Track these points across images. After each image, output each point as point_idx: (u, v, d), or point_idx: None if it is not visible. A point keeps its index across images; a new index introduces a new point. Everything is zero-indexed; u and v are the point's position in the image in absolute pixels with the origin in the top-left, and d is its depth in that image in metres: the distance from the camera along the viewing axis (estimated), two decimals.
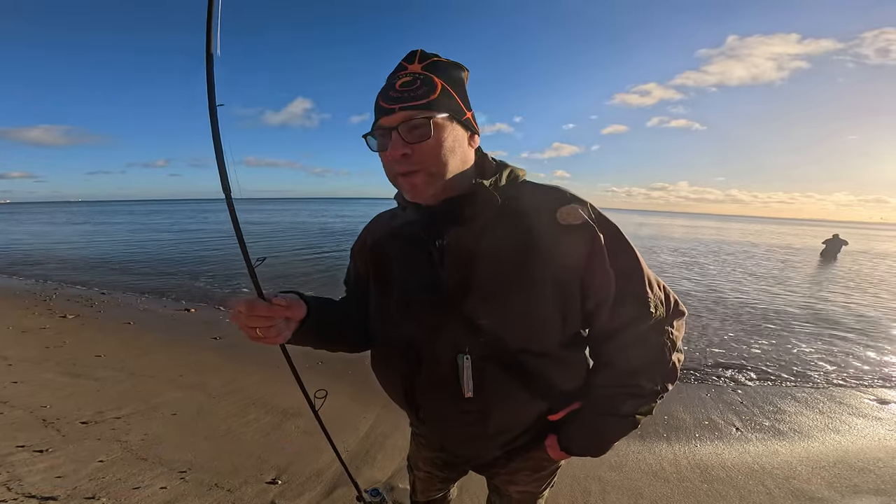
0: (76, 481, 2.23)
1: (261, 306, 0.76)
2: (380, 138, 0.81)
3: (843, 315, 7.14)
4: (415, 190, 0.81)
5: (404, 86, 0.78)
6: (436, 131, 0.77)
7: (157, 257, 12.33)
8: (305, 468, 2.45)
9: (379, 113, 0.80)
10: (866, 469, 2.67)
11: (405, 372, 0.92)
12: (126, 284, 8.35)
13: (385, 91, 0.80)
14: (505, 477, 1.09)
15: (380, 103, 0.80)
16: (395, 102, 0.77)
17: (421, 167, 0.79)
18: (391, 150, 0.77)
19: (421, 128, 0.77)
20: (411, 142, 0.77)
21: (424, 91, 0.78)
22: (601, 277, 0.82)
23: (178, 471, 2.39)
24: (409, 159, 0.78)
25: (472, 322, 0.83)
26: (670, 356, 0.87)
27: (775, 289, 9.63)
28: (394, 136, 0.77)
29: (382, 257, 0.98)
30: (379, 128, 0.80)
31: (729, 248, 20.65)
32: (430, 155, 0.78)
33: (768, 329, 6.07)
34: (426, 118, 0.76)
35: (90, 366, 3.97)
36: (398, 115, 0.77)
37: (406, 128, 0.77)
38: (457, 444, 1.04)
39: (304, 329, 0.85)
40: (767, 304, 7.76)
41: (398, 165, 0.79)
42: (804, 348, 5.24)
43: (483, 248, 0.83)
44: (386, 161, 0.82)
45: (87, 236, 19.19)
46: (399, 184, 0.84)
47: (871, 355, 5.12)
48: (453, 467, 1.20)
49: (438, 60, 0.82)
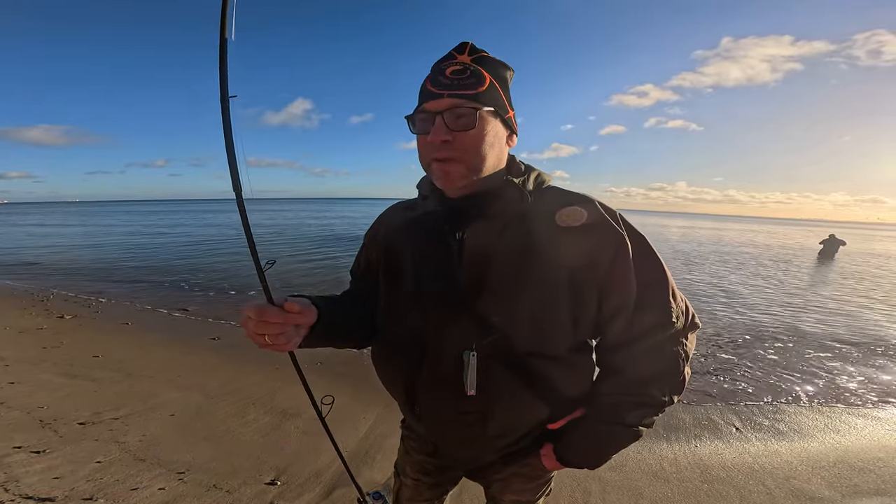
0: (74, 482, 2.22)
1: (271, 312, 0.71)
2: (421, 122, 0.81)
3: (841, 318, 7.16)
4: (448, 178, 0.81)
5: (455, 74, 0.78)
6: (480, 123, 0.78)
7: (156, 258, 12.30)
8: (305, 469, 2.44)
9: (425, 97, 0.80)
10: (866, 469, 2.68)
11: (408, 365, 0.90)
12: (123, 286, 8.32)
13: (434, 76, 0.80)
14: (499, 484, 1.07)
15: (427, 87, 0.80)
16: (444, 88, 0.77)
17: (459, 156, 0.79)
18: (433, 135, 0.77)
19: (466, 117, 0.77)
20: (455, 129, 0.77)
21: (473, 82, 0.78)
22: (624, 284, 0.81)
23: (176, 472, 2.38)
24: (450, 146, 0.78)
25: (483, 319, 0.81)
26: (683, 368, 0.86)
27: (775, 289, 9.65)
28: (438, 121, 0.77)
29: (396, 247, 0.96)
30: (423, 111, 0.80)
31: (727, 248, 20.68)
32: (471, 145, 0.78)
33: (768, 329, 6.08)
34: (473, 108, 0.77)
35: (88, 366, 3.96)
36: (446, 100, 0.77)
37: (452, 115, 0.77)
38: (452, 446, 1.00)
39: (314, 334, 0.82)
40: (767, 304, 7.78)
41: (437, 151, 0.79)
42: (804, 347, 5.25)
43: (503, 246, 0.83)
44: (423, 145, 0.81)
45: (84, 238, 19.13)
46: (432, 170, 0.82)
47: (866, 358, 5.13)
48: (444, 473, 1.15)
49: (487, 56, 0.83)
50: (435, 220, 0.89)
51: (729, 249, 19.79)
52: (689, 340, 0.88)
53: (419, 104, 0.82)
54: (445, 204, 0.87)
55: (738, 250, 19.57)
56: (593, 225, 0.82)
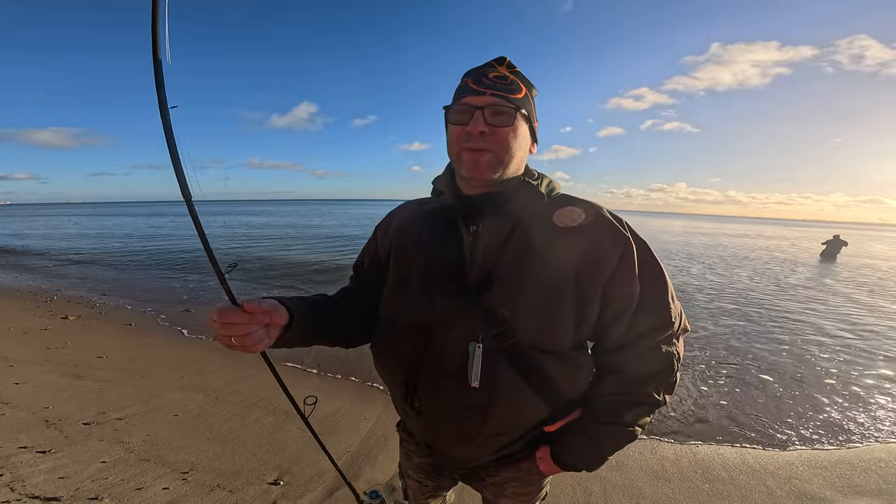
0: (79, 482, 2.24)
1: (234, 313, 0.73)
2: (459, 113, 0.85)
3: (840, 317, 7.14)
4: (477, 167, 0.85)
5: (497, 78, 0.85)
6: (516, 122, 0.84)
7: (159, 259, 12.35)
8: (308, 469, 2.45)
9: (466, 92, 0.85)
10: (868, 469, 2.67)
11: (410, 356, 0.90)
12: (127, 287, 8.36)
13: (476, 77, 0.86)
14: (494, 489, 1.07)
15: (469, 85, 0.85)
16: (486, 87, 0.84)
17: (493, 148, 0.84)
18: (472, 125, 0.82)
19: (505, 114, 0.83)
20: (493, 124, 0.83)
21: (514, 87, 0.85)
22: (628, 286, 0.84)
23: (180, 472, 2.40)
24: (485, 138, 0.83)
25: (490, 312, 0.83)
26: (676, 368, 0.89)
27: (779, 289, 9.63)
28: (477, 114, 0.82)
29: (407, 238, 0.98)
30: (463, 104, 0.85)
31: (729, 249, 20.63)
32: (505, 140, 0.84)
33: (769, 329, 6.07)
34: (513, 107, 0.83)
35: (92, 367, 3.98)
36: (488, 97, 0.83)
37: (492, 111, 0.82)
38: (449, 443, 0.99)
39: (289, 335, 0.84)
40: (770, 304, 7.76)
41: (472, 141, 0.84)
42: (805, 346, 5.24)
43: (515, 243, 0.86)
44: (457, 135, 0.86)
45: (88, 240, 19.20)
46: (462, 159, 0.87)
47: (867, 352, 5.11)
48: (441, 474, 1.15)
49: (520, 72, 0.89)
50: (449, 213, 0.92)
51: (730, 252, 19.74)
52: (679, 343, 0.91)
53: (457, 98, 0.87)
54: (461, 200, 0.91)
55: (738, 253, 19.50)
56: (593, 226, 0.86)
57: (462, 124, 0.84)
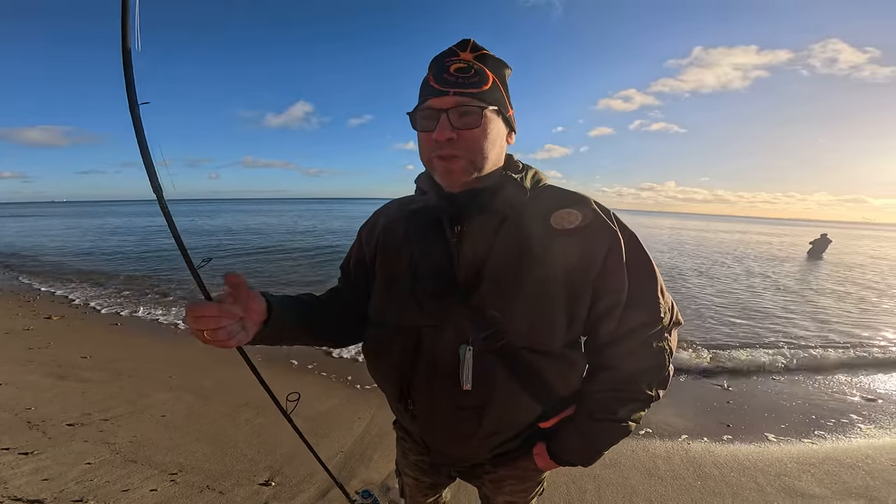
0: (63, 484, 2.18)
1: (205, 307, 0.71)
2: (424, 119, 0.80)
3: (830, 309, 7.27)
4: (450, 175, 0.81)
5: (459, 71, 0.78)
6: (484, 121, 0.78)
7: (144, 258, 12.16)
8: (300, 469, 2.42)
9: (428, 93, 0.79)
10: (855, 466, 2.71)
11: (402, 360, 0.89)
12: (112, 286, 8.21)
13: (438, 72, 0.79)
14: (492, 486, 1.07)
15: (431, 84, 0.79)
16: (448, 86, 0.77)
17: (463, 154, 0.79)
18: (438, 132, 0.77)
19: (472, 115, 0.77)
20: (459, 127, 0.77)
21: (478, 80, 0.78)
22: (616, 281, 0.82)
23: (168, 473, 2.35)
24: (454, 144, 0.78)
25: (480, 312, 0.81)
26: (668, 363, 0.88)
27: (770, 286, 9.78)
28: (442, 119, 0.77)
29: (393, 240, 0.95)
30: (427, 108, 0.79)
31: (720, 248, 20.91)
32: (475, 143, 0.79)
33: (760, 326, 6.16)
34: (478, 107, 0.77)
35: (76, 367, 3.90)
36: (451, 98, 0.77)
37: (456, 113, 0.77)
38: (445, 443, 0.98)
39: (268, 330, 0.81)
40: (758, 300, 7.88)
41: (441, 149, 0.79)
42: (794, 343, 5.31)
43: (501, 241, 0.83)
44: (426, 142, 0.81)
45: (73, 239, 18.86)
46: (434, 166, 0.83)
47: (858, 349, 5.20)
48: (438, 472, 1.14)
49: (487, 54, 0.82)
50: (434, 213, 0.88)
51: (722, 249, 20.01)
52: (672, 337, 0.90)
53: (422, 100, 0.81)
54: (445, 198, 0.86)
55: (729, 250, 19.78)
56: (588, 227, 0.83)
57: (428, 131, 0.80)
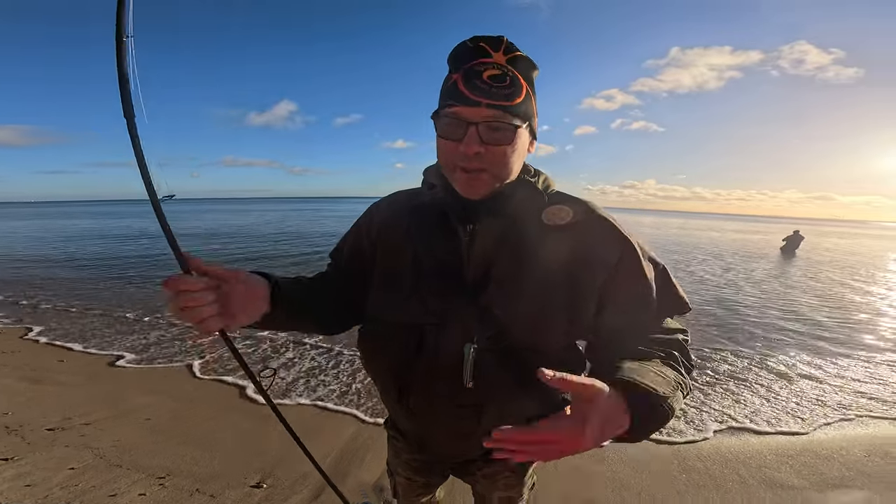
0: (47, 490, 2.12)
1: (180, 280, 0.66)
2: (450, 126, 0.74)
3: (804, 304, 7.50)
4: (472, 189, 0.78)
5: (494, 79, 0.71)
6: (515, 137, 0.74)
7: (118, 261, 11.78)
8: (292, 471, 2.39)
9: (457, 98, 0.72)
10: (830, 457, 2.83)
11: (402, 357, 0.87)
12: (85, 290, 7.93)
13: (468, 76, 0.72)
14: (486, 482, 1.06)
15: (462, 90, 0.72)
16: (481, 95, 0.71)
17: (489, 167, 0.75)
18: (466, 146, 0.72)
19: (503, 131, 0.73)
20: (489, 142, 0.73)
21: (512, 92, 0.72)
22: (633, 286, 0.81)
23: (156, 476, 2.30)
24: (481, 157, 0.74)
25: (485, 312, 0.80)
26: (691, 368, 0.79)
27: (746, 283, 10.02)
28: (471, 132, 0.72)
29: (394, 235, 0.92)
30: (454, 115, 0.73)
31: (697, 244, 21.30)
32: (503, 158, 0.75)
33: (735, 322, 6.30)
34: (511, 124, 0.73)
35: (51, 371, 3.77)
36: (483, 110, 0.71)
37: (487, 127, 0.72)
38: (442, 441, 0.98)
39: (276, 312, 0.78)
40: (738, 297, 8.05)
41: (466, 161, 0.74)
42: (770, 342, 5.47)
43: (511, 243, 0.82)
44: (450, 149, 0.76)
45: (41, 242, 18.15)
46: (456, 177, 0.78)
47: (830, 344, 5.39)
48: (432, 470, 1.14)
49: (520, 55, 0.75)
50: (440, 209, 0.86)
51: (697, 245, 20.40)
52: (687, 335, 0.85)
53: (448, 102, 0.74)
54: (456, 196, 0.82)
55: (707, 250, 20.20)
56: (587, 223, 0.82)
57: (454, 140, 0.74)
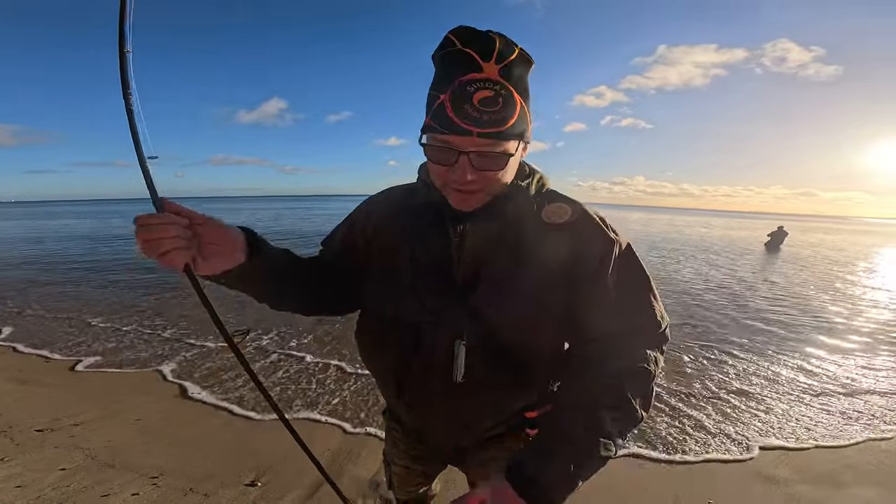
0: (39, 490, 2.10)
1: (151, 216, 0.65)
2: (440, 152, 0.73)
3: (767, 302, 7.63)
4: (466, 204, 0.79)
5: (484, 104, 0.68)
6: (507, 162, 0.74)
7: (106, 261, 11.56)
8: (287, 468, 2.40)
9: (447, 126, 0.70)
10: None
11: (400, 353, 0.90)
12: (72, 290, 7.78)
13: (457, 100, 0.68)
14: (479, 470, 1.08)
15: (451, 116, 0.69)
16: (472, 124, 0.68)
17: (482, 188, 0.76)
18: (459, 174, 0.72)
19: (495, 159, 0.72)
20: (481, 168, 0.72)
21: (504, 116, 0.69)
22: (607, 287, 0.82)
23: (149, 476, 2.29)
24: (473, 182, 0.74)
25: (475, 311, 0.83)
26: (654, 378, 0.82)
27: (730, 277, 10.15)
28: (463, 161, 0.71)
29: (392, 232, 0.93)
30: (444, 143, 0.72)
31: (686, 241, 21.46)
32: (495, 179, 0.76)
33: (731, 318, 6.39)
34: (504, 152, 0.72)
35: (37, 372, 3.72)
36: (474, 140, 0.69)
37: (479, 156, 0.71)
38: (437, 432, 1.02)
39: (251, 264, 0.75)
40: (725, 292, 8.14)
41: (458, 185, 0.75)
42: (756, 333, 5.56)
43: (502, 244, 0.84)
44: (442, 174, 0.76)
45: (28, 243, 17.66)
46: (448, 193, 0.79)
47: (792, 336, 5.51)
48: (430, 460, 1.16)
49: (514, 60, 0.71)
50: (436, 208, 0.86)
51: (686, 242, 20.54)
52: (661, 353, 0.86)
53: (436, 126, 0.71)
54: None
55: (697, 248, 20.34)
56: (581, 223, 0.84)
57: (444, 165, 0.74)
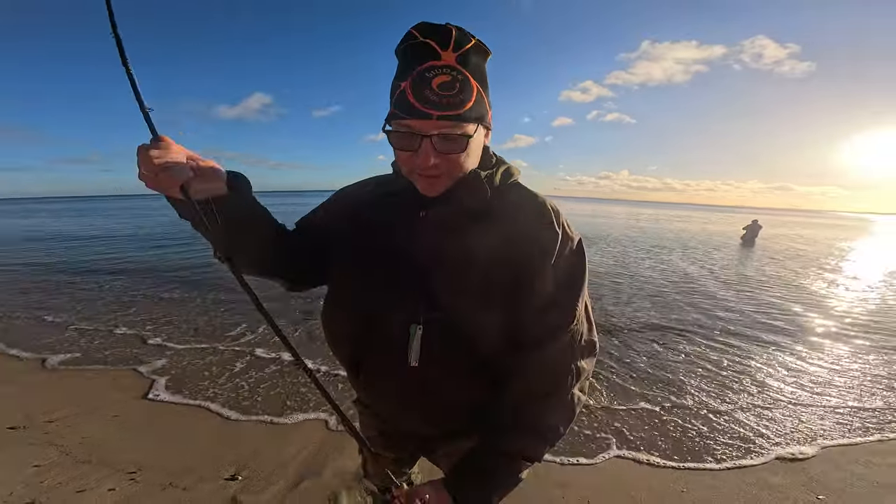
0: (11, 487, 2.05)
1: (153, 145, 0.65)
2: (403, 139, 0.77)
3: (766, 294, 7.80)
4: (432, 189, 0.83)
5: (443, 88, 0.72)
6: (468, 143, 0.78)
7: (86, 259, 11.25)
8: (268, 462, 2.39)
9: (408, 111, 0.74)
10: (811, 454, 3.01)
11: (357, 334, 0.93)
12: (50, 287, 7.55)
13: (417, 86, 0.73)
14: (447, 460, 1.08)
15: (411, 101, 0.73)
16: (431, 107, 0.72)
17: (446, 172, 0.80)
18: (422, 158, 0.76)
19: (456, 141, 0.76)
20: (443, 152, 0.76)
21: (462, 98, 0.74)
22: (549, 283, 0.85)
23: (126, 472, 2.26)
24: (437, 167, 0.78)
25: (432, 295, 0.85)
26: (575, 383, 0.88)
27: (708, 273, 10.34)
28: (425, 145, 0.75)
29: (360, 218, 0.96)
30: (406, 128, 0.76)
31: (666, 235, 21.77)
32: (458, 163, 0.80)
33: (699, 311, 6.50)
34: (464, 134, 0.76)
35: (11, 371, 3.61)
36: (434, 122, 0.73)
37: (440, 138, 0.75)
38: (395, 416, 1.04)
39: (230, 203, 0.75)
40: (697, 286, 8.28)
41: (423, 170, 0.79)
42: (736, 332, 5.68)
43: (459, 231, 0.86)
44: (406, 159, 0.80)
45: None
46: (415, 179, 0.83)
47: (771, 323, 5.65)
48: (398, 446, 1.16)
49: (470, 48, 0.75)
50: (405, 198, 0.90)
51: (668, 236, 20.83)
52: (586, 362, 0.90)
53: (398, 112, 0.76)
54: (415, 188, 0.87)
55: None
56: (533, 216, 0.87)
57: (408, 150, 0.78)
